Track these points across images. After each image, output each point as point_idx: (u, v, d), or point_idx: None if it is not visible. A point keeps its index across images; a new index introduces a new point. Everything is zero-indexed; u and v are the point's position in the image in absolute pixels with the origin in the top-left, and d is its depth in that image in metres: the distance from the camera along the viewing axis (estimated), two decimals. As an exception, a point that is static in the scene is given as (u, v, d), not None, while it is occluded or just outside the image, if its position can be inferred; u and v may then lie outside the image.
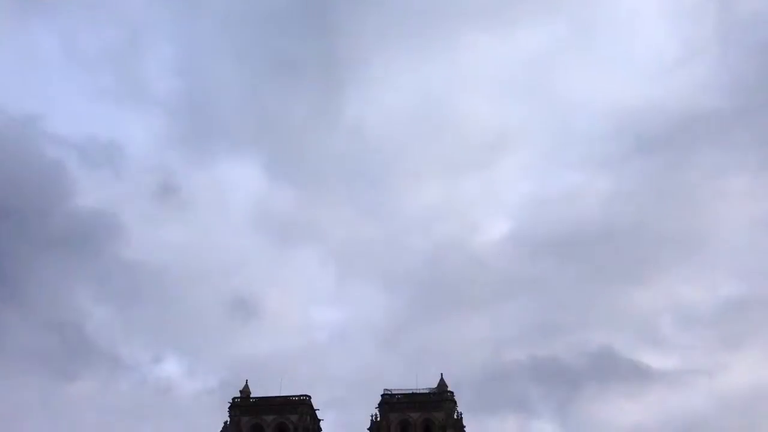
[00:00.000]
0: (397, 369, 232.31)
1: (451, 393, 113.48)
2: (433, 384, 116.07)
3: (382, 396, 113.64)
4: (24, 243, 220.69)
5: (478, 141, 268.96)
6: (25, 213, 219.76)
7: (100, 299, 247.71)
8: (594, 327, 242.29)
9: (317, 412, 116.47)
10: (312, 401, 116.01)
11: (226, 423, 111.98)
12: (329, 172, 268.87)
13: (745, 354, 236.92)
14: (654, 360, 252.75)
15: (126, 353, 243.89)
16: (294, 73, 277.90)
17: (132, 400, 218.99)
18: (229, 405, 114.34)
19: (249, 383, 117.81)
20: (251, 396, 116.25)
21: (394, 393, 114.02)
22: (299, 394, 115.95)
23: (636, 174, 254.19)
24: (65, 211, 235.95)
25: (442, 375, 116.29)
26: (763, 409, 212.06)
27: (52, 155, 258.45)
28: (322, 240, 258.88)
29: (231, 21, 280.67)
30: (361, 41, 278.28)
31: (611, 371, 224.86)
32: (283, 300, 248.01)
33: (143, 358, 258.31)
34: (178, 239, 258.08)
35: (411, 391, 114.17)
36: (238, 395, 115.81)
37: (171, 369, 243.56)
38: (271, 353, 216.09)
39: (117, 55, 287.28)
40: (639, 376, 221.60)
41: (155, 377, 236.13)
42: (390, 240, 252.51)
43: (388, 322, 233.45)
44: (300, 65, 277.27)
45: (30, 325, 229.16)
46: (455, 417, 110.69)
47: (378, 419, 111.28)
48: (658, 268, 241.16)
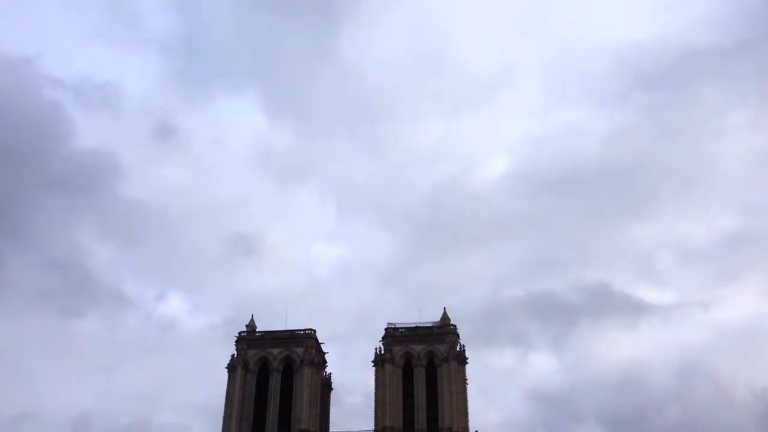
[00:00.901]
0: (400, 304, 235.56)
1: (454, 326, 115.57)
2: (436, 319, 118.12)
3: (385, 329, 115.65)
4: (25, 184, 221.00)
5: (477, 79, 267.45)
6: (25, 154, 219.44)
7: (102, 238, 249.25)
8: (591, 263, 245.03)
9: (322, 345, 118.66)
10: (317, 335, 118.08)
11: (233, 356, 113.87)
12: (328, 110, 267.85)
13: (741, 287, 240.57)
14: (650, 294, 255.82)
15: (130, 291, 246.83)
16: (291, 11, 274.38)
17: (138, 336, 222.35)
18: (236, 339, 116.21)
19: (254, 318, 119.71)
20: (257, 330, 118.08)
21: (397, 326, 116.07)
22: (304, 328, 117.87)
23: (636, 110, 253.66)
24: (64, 153, 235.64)
25: (444, 309, 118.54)
26: (758, 341, 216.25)
27: (48, 97, 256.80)
28: (321, 178, 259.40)
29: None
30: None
31: (607, 306, 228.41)
32: (284, 237, 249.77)
33: (147, 295, 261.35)
34: (177, 179, 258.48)
35: (414, 325, 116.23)
36: (243, 329, 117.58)
37: (175, 306, 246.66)
38: (274, 290, 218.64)
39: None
40: (634, 310, 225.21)
41: (159, 314, 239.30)
42: (390, 178, 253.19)
43: (389, 259, 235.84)
44: (297, 3, 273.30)
45: (34, 264, 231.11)
46: (458, 349, 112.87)
47: (382, 352, 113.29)
48: (656, 204, 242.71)
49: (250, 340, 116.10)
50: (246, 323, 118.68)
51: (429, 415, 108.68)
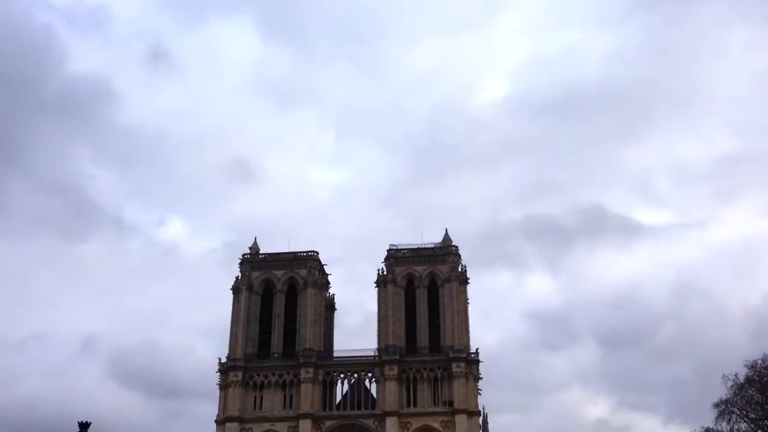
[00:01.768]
0: (400, 228, 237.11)
1: (456, 247, 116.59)
2: (436, 241, 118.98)
3: (387, 251, 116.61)
4: (21, 109, 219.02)
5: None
6: (20, 79, 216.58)
7: (100, 163, 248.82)
8: (588, 185, 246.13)
9: (325, 267, 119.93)
10: (319, 257, 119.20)
11: (237, 278, 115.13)
12: (324, 33, 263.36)
13: (738, 207, 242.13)
14: (646, 216, 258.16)
15: (130, 216, 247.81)
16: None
17: (140, 260, 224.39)
18: (240, 261, 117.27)
19: (257, 241, 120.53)
20: (260, 252, 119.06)
21: (399, 248, 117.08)
22: (307, 250, 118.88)
23: (635, 31, 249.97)
24: (58, 78, 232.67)
25: (446, 230, 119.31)
26: (753, 260, 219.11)
27: (40, 20, 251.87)
28: (319, 102, 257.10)
29: None
30: None
31: (603, 227, 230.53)
32: (283, 162, 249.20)
33: (147, 220, 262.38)
34: (173, 104, 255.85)
35: (416, 246, 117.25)
36: (247, 252, 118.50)
37: (175, 231, 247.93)
38: (274, 214, 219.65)
39: None
40: (630, 231, 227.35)
41: (160, 239, 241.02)
42: (388, 101, 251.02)
43: (388, 182, 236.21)
44: None
45: (35, 189, 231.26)
46: (459, 270, 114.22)
47: (384, 273, 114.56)
48: (655, 125, 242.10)
49: (253, 262, 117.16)
50: (249, 246, 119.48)
51: (431, 334, 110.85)
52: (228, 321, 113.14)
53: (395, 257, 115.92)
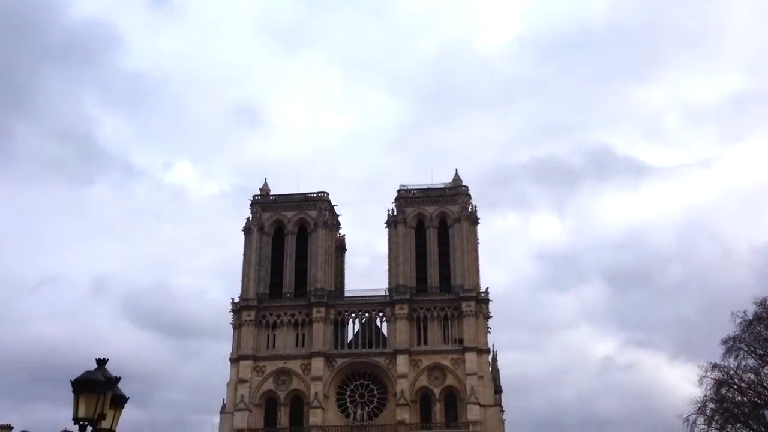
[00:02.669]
0: (409, 170, 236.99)
1: (466, 187, 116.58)
2: (447, 182, 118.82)
3: (398, 191, 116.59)
4: (25, 56, 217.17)
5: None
6: (23, 26, 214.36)
7: (106, 108, 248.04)
8: (595, 126, 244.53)
9: (335, 208, 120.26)
10: (329, 198, 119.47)
11: (248, 219, 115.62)
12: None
13: (748, 146, 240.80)
14: (654, 156, 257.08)
15: (138, 160, 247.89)
16: None
17: (148, 203, 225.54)
18: (250, 202, 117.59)
19: (267, 183, 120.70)
20: (270, 194, 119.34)
21: (410, 188, 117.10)
22: (317, 191, 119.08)
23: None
24: (62, 23, 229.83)
25: (456, 170, 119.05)
26: (761, 199, 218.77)
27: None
28: (325, 44, 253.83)
29: None
30: None
31: (610, 168, 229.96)
32: (290, 105, 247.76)
33: (155, 164, 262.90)
34: (177, 48, 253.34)
35: (426, 186, 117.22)
36: (257, 193, 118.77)
37: (183, 175, 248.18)
38: (283, 158, 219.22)
39: None
40: (637, 171, 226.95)
41: (168, 182, 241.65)
42: (394, 43, 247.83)
43: (396, 124, 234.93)
44: None
45: (41, 133, 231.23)
46: (470, 210, 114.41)
47: (395, 213, 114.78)
48: (663, 65, 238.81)
49: (264, 203, 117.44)
50: (259, 187, 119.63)
51: (442, 275, 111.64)
52: (239, 263, 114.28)
53: (405, 198, 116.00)
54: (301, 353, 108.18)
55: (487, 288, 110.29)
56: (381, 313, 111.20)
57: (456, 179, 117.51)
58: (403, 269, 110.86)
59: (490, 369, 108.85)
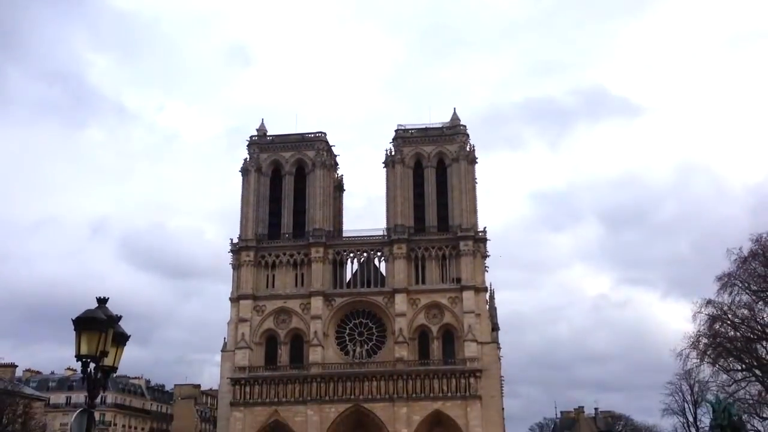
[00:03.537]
0: (406, 109, 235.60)
1: (464, 126, 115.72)
2: (444, 122, 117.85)
3: (395, 131, 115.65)
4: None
5: None
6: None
7: (97, 50, 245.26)
8: (590, 65, 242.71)
9: (333, 148, 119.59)
10: (327, 139, 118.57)
11: (246, 160, 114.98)
12: None
13: (742, 86, 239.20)
14: (647, 95, 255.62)
15: (131, 102, 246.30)
16: None
17: (143, 145, 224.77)
18: (248, 143, 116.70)
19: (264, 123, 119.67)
20: (267, 134, 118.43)
21: (407, 128, 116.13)
22: (314, 131, 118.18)
23: None
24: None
25: (454, 109, 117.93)
26: (755, 138, 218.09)
27: None
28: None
29: None
30: None
31: (604, 108, 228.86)
32: (282, 47, 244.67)
33: (148, 106, 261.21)
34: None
35: (424, 126, 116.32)
36: (254, 134, 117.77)
37: (177, 116, 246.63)
38: (278, 99, 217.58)
39: None
40: (631, 111, 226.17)
41: (162, 124, 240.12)
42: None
43: (392, 64, 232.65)
44: None
45: (34, 76, 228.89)
46: (468, 149, 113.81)
47: (392, 153, 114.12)
48: (658, 3, 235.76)
49: (261, 143, 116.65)
50: (256, 128, 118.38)
51: (439, 214, 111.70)
52: (236, 204, 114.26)
53: (403, 137, 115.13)
54: (301, 293, 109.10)
55: (485, 227, 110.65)
56: (379, 253, 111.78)
57: (454, 119, 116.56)
58: (401, 209, 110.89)
59: (487, 307, 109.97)
